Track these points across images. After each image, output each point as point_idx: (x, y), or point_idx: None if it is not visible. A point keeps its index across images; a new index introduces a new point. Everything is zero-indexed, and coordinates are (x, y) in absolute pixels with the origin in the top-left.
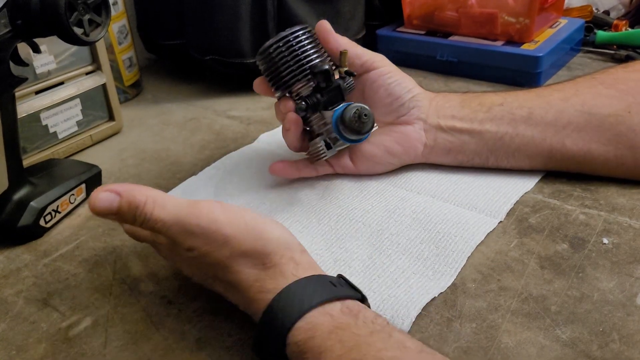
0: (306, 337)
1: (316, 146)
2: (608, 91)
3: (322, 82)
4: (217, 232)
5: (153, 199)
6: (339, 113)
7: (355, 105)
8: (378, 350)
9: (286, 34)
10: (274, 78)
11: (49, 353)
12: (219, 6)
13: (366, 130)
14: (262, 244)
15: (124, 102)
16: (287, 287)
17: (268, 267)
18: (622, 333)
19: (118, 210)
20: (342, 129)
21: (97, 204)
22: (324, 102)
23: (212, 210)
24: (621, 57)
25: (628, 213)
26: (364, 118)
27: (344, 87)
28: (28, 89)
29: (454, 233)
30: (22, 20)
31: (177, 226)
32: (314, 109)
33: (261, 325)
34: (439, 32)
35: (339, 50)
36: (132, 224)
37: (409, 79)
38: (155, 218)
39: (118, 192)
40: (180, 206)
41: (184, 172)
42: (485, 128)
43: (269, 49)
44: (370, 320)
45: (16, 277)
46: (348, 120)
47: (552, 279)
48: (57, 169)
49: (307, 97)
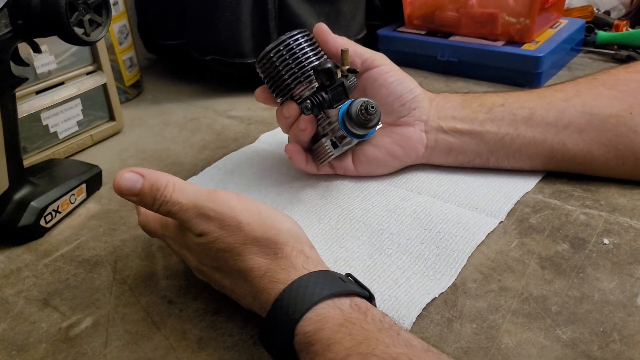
0: (315, 329)
1: (323, 146)
2: (609, 92)
3: (326, 81)
4: (232, 218)
5: (174, 183)
6: (345, 108)
7: (361, 99)
8: (386, 346)
9: (285, 37)
10: (275, 83)
11: (49, 353)
12: (220, 6)
13: (373, 124)
14: (274, 233)
15: (125, 102)
16: (299, 278)
17: (279, 257)
18: (622, 333)
19: (140, 191)
20: (349, 124)
21: (121, 183)
22: (329, 100)
23: (229, 198)
24: (622, 58)
25: (629, 213)
26: (371, 110)
27: (347, 84)
28: (28, 89)
29: (455, 233)
30: (22, 20)
31: (194, 209)
32: (319, 107)
33: (271, 314)
34: (440, 32)
35: (339, 50)
36: (150, 206)
37: (409, 79)
38: (174, 200)
39: (142, 174)
40: (199, 192)
41: (184, 172)
42: (486, 129)
43: (269, 54)
44: (378, 318)
45: (17, 277)
46: (355, 113)
47: (552, 279)
48: (57, 169)
49: (312, 96)
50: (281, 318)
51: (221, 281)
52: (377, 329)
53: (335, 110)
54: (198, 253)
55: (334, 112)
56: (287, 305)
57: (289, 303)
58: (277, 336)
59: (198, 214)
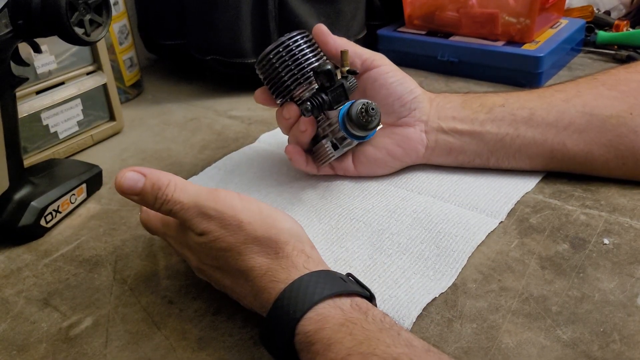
0: (316, 328)
1: (323, 147)
2: (610, 92)
3: (326, 82)
4: (233, 217)
5: (175, 183)
6: (346, 109)
7: (362, 100)
8: (387, 345)
9: (285, 39)
10: (275, 84)
11: (49, 353)
12: (220, 6)
13: (373, 125)
14: (275, 233)
15: (125, 102)
16: (300, 278)
17: (280, 256)
18: (622, 333)
19: (141, 191)
20: (349, 126)
21: (123, 182)
22: (329, 101)
23: (230, 197)
24: (622, 58)
25: (629, 213)
26: (372, 112)
27: (347, 86)
28: (29, 89)
29: (455, 233)
30: (23, 20)
31: (195, 209)
32: (319, 109)
33: (271, 313)
34: (440, 32)
35: (339, 51)
36: (151, 205)
37: (409, 79)
38: (175, 199)
39: (143, 173)
40: (200, 191)
41: (184, 172)
42: (486, 129)
43: (268, 55)
44: (379, 318)
45: (17, 277)
46: (355, 115)
47: (552, 279)
48: (57, 169)
49: (312, 97)
50: (282, 317)
51: (222, 281)
52: (377, 329)
53: (335, 112)
54: (199, 252)
55: (334, 114)
56: (288, 304)
57: (289, 302)
58: (278, 335)
59: (199, 213)
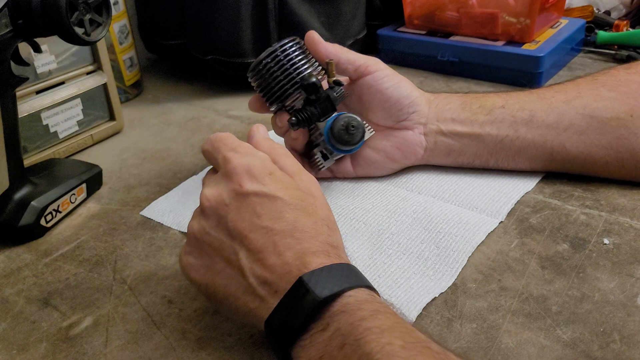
0: (362, 299)
1: (314, 157)
2: (610, 94)
3: (311, 95)
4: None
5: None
6: (330, 124)
7: (344, 116)
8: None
9: (274, 48)
10: (267, 94)
11: (49, 353)
12: (220, 6)
13: (355, 141)
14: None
15: (125, 101)
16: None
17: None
18: (623, 333)
19: None
20: (332, 141)
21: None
22: (317, 113)
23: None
24: (622, 58)
25: (629, 213)
26: (351, 129)
27: (333, 97)
28: (29, 89)
29: (455, 233)
30: (23, 19)
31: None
32: (307, 121)
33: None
34: (440, 32)
35: None
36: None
37: (405, 81)
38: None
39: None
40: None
41: (184, 172)
42: (486, 131)
43: (258, 66)
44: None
45: (17, 276)
46: (337, 132)
47: (552, 279)
48: (57, 168)
49: (298, 111)
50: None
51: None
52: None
53: (323, 123)
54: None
55: (322, 125)
56: (336, 274)
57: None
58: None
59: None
